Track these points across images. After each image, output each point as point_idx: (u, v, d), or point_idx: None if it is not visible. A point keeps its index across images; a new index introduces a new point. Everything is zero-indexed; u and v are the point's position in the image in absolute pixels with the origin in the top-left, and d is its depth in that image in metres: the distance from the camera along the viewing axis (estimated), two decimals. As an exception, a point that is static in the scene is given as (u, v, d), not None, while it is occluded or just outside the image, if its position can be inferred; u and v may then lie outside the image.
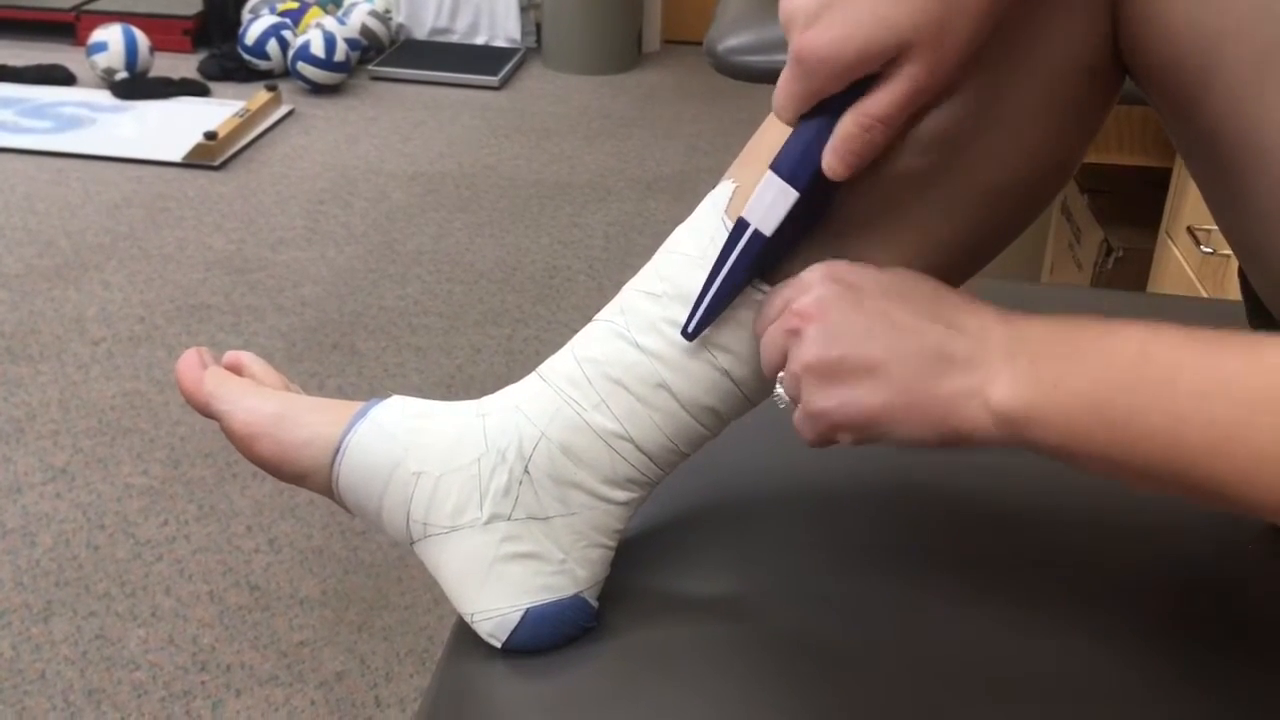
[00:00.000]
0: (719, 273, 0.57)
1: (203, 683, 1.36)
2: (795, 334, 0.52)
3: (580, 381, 0.59)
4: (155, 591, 1.49)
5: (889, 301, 0.50)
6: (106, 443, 1.77)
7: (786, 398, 0.55)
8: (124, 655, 1.39)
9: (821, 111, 0.53)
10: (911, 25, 0.48)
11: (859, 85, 0.52)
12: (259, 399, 0.63)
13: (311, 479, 0.62)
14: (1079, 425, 0.47)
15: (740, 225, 0.56)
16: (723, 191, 0.60)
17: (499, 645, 0.60)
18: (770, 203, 0.55)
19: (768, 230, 0.55)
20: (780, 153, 0.55)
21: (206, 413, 0.64)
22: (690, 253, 0.59)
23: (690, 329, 0.58)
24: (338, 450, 0.61)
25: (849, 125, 0.52)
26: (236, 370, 0.66)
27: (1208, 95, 0.54)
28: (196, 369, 0.64)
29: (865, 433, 0.52)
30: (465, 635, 0.62)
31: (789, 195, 0.55)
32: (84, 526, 1.60)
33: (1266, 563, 0.63)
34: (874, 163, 0.54)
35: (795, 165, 0.54)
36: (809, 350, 0.52)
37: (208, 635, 1.43)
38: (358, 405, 0.63)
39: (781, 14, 0.51)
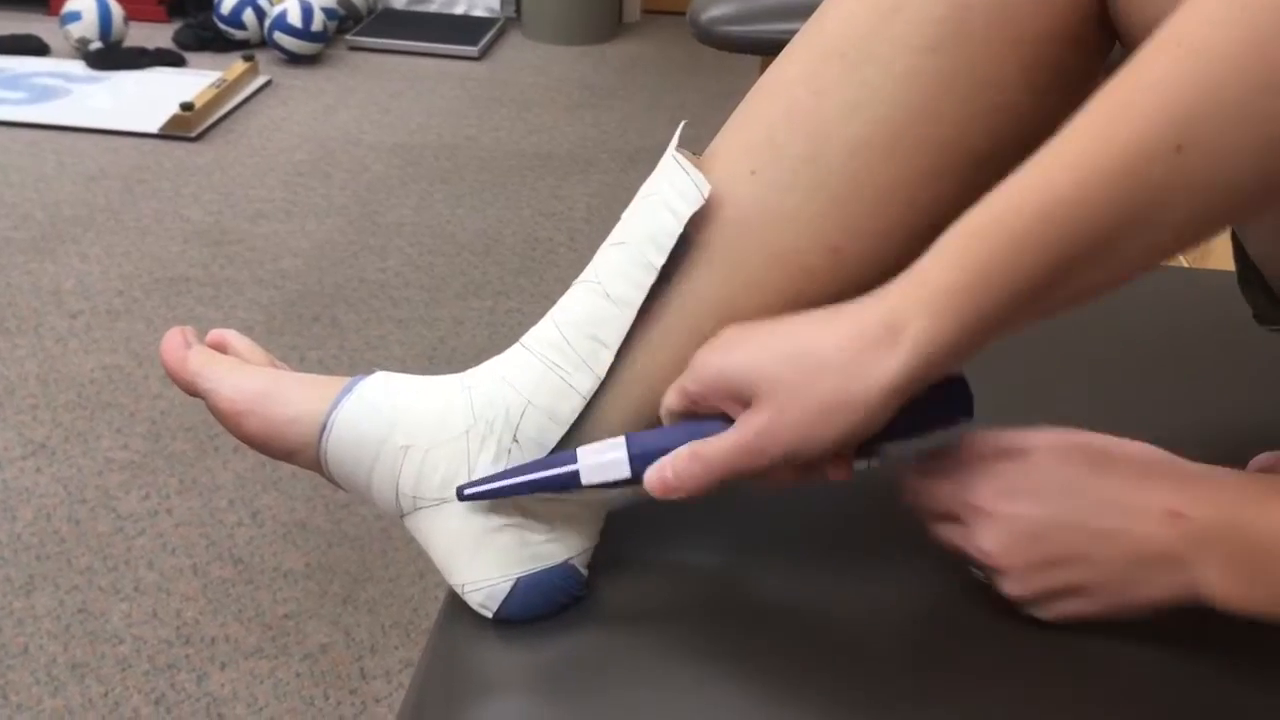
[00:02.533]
0: (523, 475, 0.57)
1: (187, 656, 1.36)
2: (985, 569, 0.57)
3: (561, 345, 0.59)
4: (138, 565, 1.49)
5: (1067, 517, 0.54)
6: (86, 416, 1.76)
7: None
8: (107, 629, 1.39)
9: (693, 425, 0.55)
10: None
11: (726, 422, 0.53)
12: (244, 376, 0.62)
13: (300, 455, 0.62)
14: None
15: (569, 455, 0.57)
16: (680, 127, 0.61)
17: (490, 615, 0.60)
18: (605, 462, 0.56)
19: (585, 481, 0.56)
20: (641, 432, 0.56)
21: (192, 391, 0.63)
22: (650, 194, 0.59)
23: (465, 493, 0.59)
24: (325, 426, 0.61)
25: (684, 458, 0.54)
26: (221, 348, 0.66)
27: None
28: (180, 348, 0.64)
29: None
30: (456, 606, 0.62)
31: (622, 470, 0.56)
32: (65, 501, 1.59)
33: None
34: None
35: (643, 452, 0.55)
36: (1011, 589, 0.56)
37: (191, 609, 1.43)
38: (344, 381, 0.62)
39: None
